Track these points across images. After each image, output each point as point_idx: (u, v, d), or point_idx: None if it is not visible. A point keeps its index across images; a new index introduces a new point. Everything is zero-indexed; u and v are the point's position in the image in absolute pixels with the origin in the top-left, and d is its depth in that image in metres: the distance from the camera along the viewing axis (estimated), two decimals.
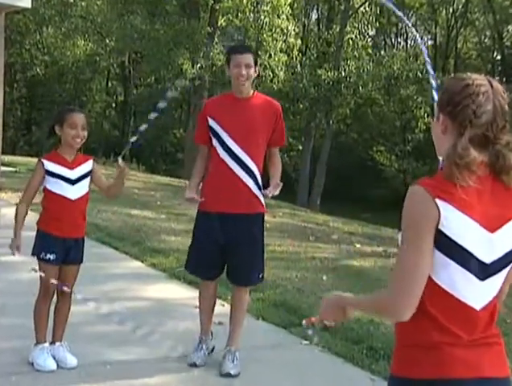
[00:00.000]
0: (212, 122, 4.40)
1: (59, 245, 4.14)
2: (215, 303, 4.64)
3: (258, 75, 4.49)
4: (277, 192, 4.38)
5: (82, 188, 4.21)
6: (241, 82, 4.35)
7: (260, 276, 4.55)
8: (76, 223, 4.23)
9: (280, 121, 4.51)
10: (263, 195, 4.36)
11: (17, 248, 4.06)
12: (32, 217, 4.24)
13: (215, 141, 4.40)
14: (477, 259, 1.92)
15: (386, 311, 1.99)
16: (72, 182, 4.16)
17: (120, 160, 4.11)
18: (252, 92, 4.48)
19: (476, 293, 1.94)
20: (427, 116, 28.58)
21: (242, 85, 4.36)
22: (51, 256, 4.12)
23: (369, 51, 29.92)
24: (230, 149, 4.35)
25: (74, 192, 4.16)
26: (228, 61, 4.43)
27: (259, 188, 4.40)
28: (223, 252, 4.43)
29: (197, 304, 4.65)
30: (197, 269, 4.61)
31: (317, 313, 2.18)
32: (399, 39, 39.18)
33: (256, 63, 4.43)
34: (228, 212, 4.32)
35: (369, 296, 2.07)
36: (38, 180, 4.16)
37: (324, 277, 7.35)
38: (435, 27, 35.87)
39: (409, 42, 38.91)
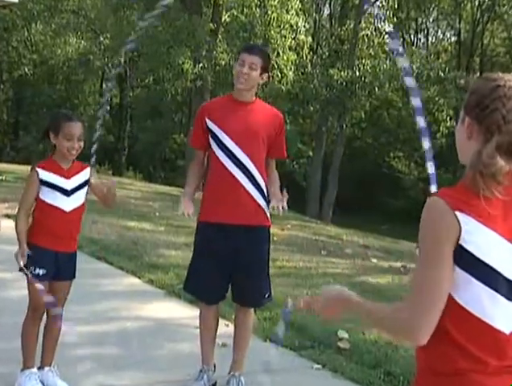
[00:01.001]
0: (210, 124, 4.37)
1: (51, 260, 4.11)
2: (217, 324, 4.60)
3: (265, 84, 4.45)
4: (285, 203, 4.31)
5: (78, 199, 4.20)
6: (239, 80, 4.32)
7: (267, 295, 4.52)
8: (70, 237, 4.22)
9: (282, 131, 4.50)
10: (272, 209, 4.22)
11: (22, 256, 3.96)
12: None
13: (214, 144, 4.36)
14: (504, 277, 1.90)
15: (399, 330, 1.95)
16: (68, 193, 4.14)
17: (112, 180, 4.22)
18: (254, 98, 4.46)
19: (504, 314, 1.91)
20: (450, 119, 28.58)
21: (241, 84, 4.32)
22: (41, 271, 4.08)
23: (386, 48, 29.96)
24: (231, 151, 4.30)
25: (69, 204, 4.15)
26: (237, 60, 4.43)
27: (264, 199, 4.34)
28: (226, 270, 4.36)
29: (198, 324, 4.62)
30: (197, 290, 4.58)
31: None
32: (419, 36, 39.22)
33: (265, 70, 4.38)
34: (229, 223, 4.27)
35: (380, 307, 2.02)
36: (33, 193, 4.11)
37: None
38: (459, 22, 35.85)
39: (430, 38, 38.96)
